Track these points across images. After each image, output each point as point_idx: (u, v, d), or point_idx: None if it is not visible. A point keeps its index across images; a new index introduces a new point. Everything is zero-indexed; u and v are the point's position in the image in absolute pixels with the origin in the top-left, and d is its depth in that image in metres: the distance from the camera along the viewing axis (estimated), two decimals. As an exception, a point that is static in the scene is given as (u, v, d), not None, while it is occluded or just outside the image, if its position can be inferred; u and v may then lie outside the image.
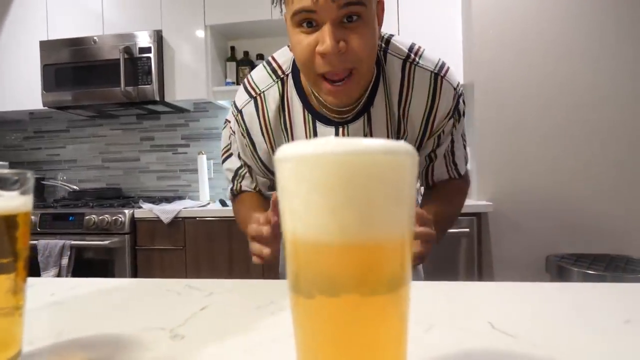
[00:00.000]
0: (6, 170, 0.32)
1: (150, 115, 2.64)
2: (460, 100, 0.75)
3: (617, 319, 0.36)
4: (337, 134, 0.73)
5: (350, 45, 0.59)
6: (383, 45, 0.72)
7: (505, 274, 1.81)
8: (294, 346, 0.25)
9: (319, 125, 0.74)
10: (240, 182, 0.88)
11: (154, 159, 2.66)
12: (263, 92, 0.76)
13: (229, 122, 0.86)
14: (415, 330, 0.26)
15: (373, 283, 0.22)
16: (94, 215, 1.98)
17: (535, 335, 0.34)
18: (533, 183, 1.86)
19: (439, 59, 0.73)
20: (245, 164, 0.85)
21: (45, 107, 2.34)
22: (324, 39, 0.57)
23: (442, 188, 0.83)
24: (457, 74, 0.79)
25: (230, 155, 0.88)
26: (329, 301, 0.23)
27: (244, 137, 0.80)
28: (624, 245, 1.79)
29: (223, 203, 2.22)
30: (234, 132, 0.84)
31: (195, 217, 1.95)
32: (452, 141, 0.78)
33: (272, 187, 0.90)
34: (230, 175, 0.89)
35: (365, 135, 0.74)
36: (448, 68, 0.73)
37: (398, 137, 0.75)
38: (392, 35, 0.74)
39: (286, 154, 0.23)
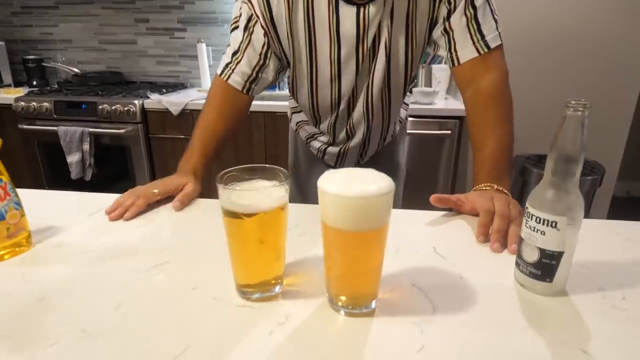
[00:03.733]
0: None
1: (142, -5, 2.53)
2: None
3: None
4: (358, 13, 0.77)
5: None
6: None
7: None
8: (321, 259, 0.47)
9: (341, 4, 0.78)
10: (234, 68, 0.85)
11: (152, 42, 2.64)
12: None
13: (247, 1, 0.83)
14: (389, 251, 0.48)
15: (363, 252, 0.44)
16: (106, 105, 2.11)
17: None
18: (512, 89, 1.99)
19: None
20: (248, 42, 0.83)
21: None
22: None
23: (480, 123, 0.77)
24: None
25: (237, 27, 0.85)
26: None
27: (263, 2, 0.80)
28: (584, 147, 2.04)
29: (226, 94, 2.32)
30: (248, 1, 0.82)
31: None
32: (474, 7, 0.75)
33: (277, 75, 0.89)
34: (229, 51, 0.86)
35: (384, 8, 0.77)
36: None
37: (408, 5, 0.78)
38: None
39: (323, 188, 0.42)
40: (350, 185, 0.41)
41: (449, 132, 1.92)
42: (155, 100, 2.11)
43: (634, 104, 1.96)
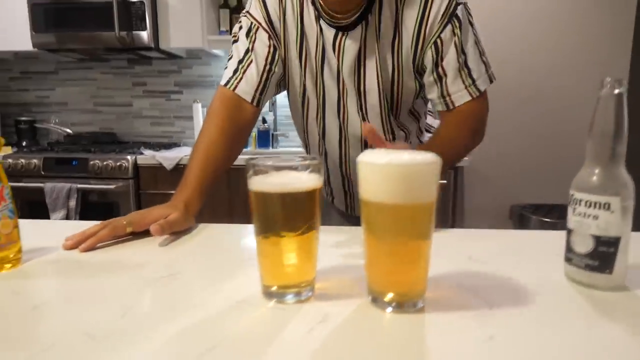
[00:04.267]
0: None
1: (142, 61, 2.64)
2: (460, 8, 0.74)
3: (551, 252, 0.56)
4: (335, 38, 0.77)
5: None
6: None
7: (475, 220, 2.08)
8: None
9: (322, 23, 0.78)
10: (240, 77, 0.81)
11: (147, 104, 2.70)
12: None
13: (246, 14, 0.84)
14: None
15: (411, 232, 0.40)
16: (97, 161, 2.07)
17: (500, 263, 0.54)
18: (505, 142, 2.07)
19: None
20: (252, 48, 0.81)
21: (36, 49, 2.31)
22: None
23: (440, 134, 0.80)
24: None
25: (237, 40, 0.83)
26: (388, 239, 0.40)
27: (261, 9, 0.81)
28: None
29: (220, 151, 2.33)
30: (247, 14, 0.83)
31: (196, 165, 2.08)
32: (464, 53, 0.75)
33: (280, 87, 0.87)
34: (234, 61, 0.82)
35: (361, 41, 0.77)
36: None
37: (393, 44, 0.77)
38: None
39: (366, 160, 0.39)
40: (396, 155, 0.38)
41: (445, 182, 1.94)
42: (148, 156, 2.09)
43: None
